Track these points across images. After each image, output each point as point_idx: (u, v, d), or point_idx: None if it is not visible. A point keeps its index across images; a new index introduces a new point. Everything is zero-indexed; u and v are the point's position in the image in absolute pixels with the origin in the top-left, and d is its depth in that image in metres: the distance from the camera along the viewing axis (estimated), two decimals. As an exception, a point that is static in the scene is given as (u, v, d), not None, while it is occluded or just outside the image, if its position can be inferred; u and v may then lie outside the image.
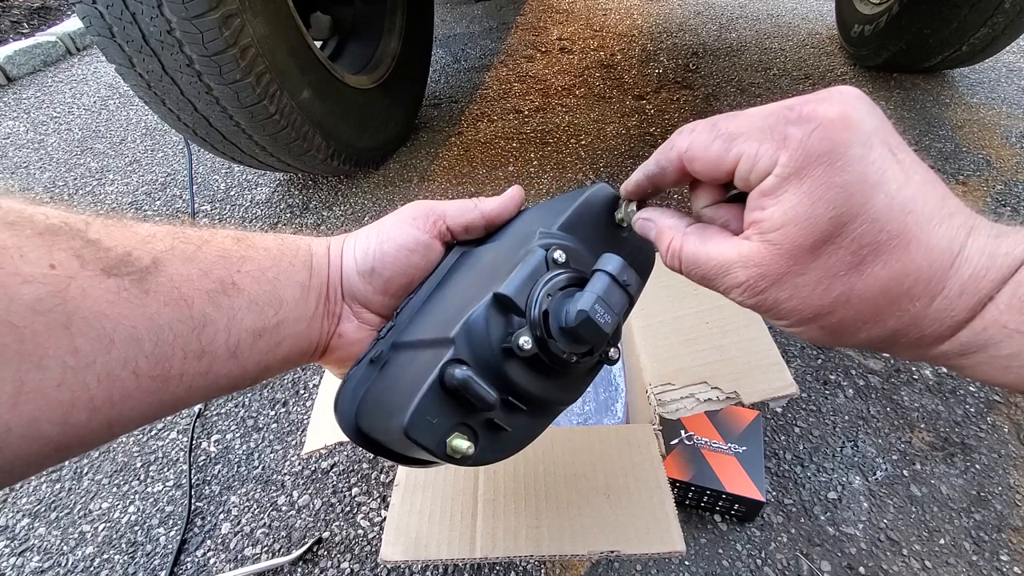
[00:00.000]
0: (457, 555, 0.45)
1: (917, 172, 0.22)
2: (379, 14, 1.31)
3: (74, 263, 0.22)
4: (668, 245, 0.28)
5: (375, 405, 0.30)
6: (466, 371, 0.25)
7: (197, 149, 1.37)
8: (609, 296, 0.26)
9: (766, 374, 0.55)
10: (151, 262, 0.24)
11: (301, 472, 0.72)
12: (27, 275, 0.20)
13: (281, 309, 0.30)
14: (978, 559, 0.60)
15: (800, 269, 0.23)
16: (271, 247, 0.31)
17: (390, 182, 1.27)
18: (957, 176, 1.15)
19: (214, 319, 0.26)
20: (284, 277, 0.30)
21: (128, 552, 0.66)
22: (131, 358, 0.23)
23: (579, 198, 0.32)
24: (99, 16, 0.77)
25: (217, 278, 0.27)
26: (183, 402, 0.26)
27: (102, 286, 0.22)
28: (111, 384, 0.22)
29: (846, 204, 0.21)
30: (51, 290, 0.21)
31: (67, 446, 0.22)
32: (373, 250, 0.33)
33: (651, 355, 0.59)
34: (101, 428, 0.23)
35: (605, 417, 0.66)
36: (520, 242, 0.31)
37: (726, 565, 0.60)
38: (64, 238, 0.22)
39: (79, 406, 0.21)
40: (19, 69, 1.94)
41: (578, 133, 1.37)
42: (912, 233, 0.21)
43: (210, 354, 0.26)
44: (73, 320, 0.21)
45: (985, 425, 0.72)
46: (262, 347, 0.29)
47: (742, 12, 2.02)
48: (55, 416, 0.21)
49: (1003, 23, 1.24)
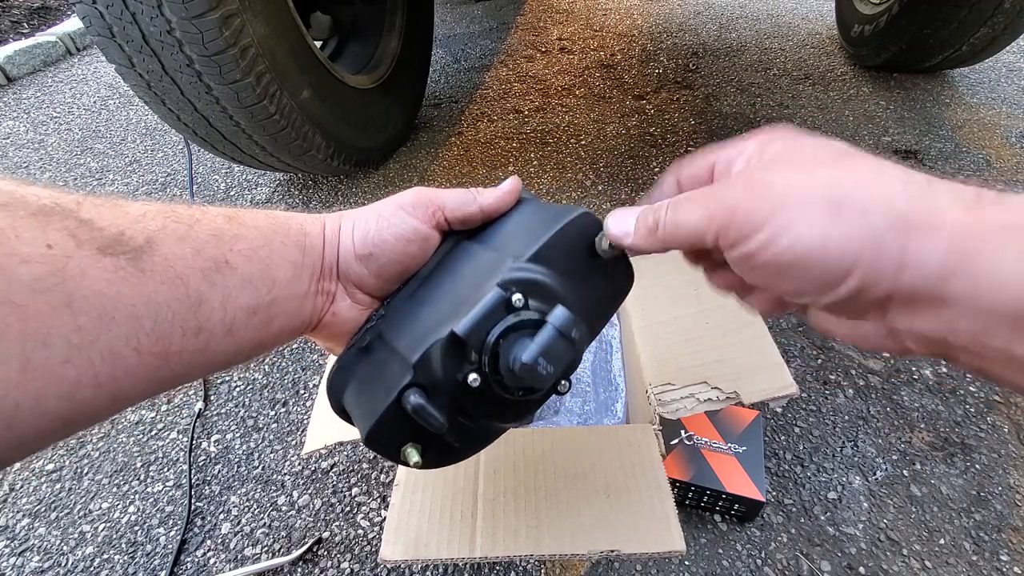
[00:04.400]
0: (457, 555, 0.45)
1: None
2: (379, 14, 1.31)
3: (70, 243, 0.22)
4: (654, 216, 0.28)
5: (356, 393, 0.34)
6: (419, 399, 0.28)
7: (197, 149, 1.37)
8: (553, 349, 0.28)
9: (766, 374, 0.55)
10: (144, 241, 0.25)
11: (301, 472, 0.72)
12: (24, 255, 0.20)
13: (274, 287, 0.30)
14: (978, 559, 0.60)
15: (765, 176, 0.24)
16: (262, 226, 0.31)
17: (390, 182, 1.27)
18: (957, 176, 1.15)
19: (209, 297, 0.26)
20: (276, 256, 0.30)
21: (128, 552, 0.66)
22: (132, 335, 0.23)
23: (557, 225, 0.32)
24: (99, 16, 0.77)
25: (210, 256, 0.27)
26: (183, 378, 0.27)
27: (99, 265, 0.22)
28: (114, 361, 0.23)
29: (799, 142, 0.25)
30: (49, 269, 0.21)
31: (74, 420, 0.23)
32: (372, 236, 0.34)
33: (651, 355, 0.59)
34: (106, 403, 0.23)
35: (605, 417, 0.66)
36: (497, 261, 0.32)
37: (726, 565, 0.60)
38: (58, 218, 0.22)
39: (85, 382, 0.22)
40: (19, 69, 1.94)
41: (578, 133, 1.37)
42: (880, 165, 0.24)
43: (207, 331, 0.26)
44: (74, 299, 0.21)
45: (985, 425, 0.72)
46: (256, 324, 0.29)
47: (742, 12, 2.02)
48: (62, 392, 0.21)
49: (1003, 23, 1.24)
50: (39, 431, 0.21)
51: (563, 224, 0.32)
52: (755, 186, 0.24)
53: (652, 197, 0.32)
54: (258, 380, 0.84)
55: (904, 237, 0.20)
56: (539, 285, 0.30)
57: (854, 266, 0.21)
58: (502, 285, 0.29)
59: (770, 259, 0.23)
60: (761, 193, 0.23)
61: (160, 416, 0.81)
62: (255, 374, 0.85)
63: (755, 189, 0.24)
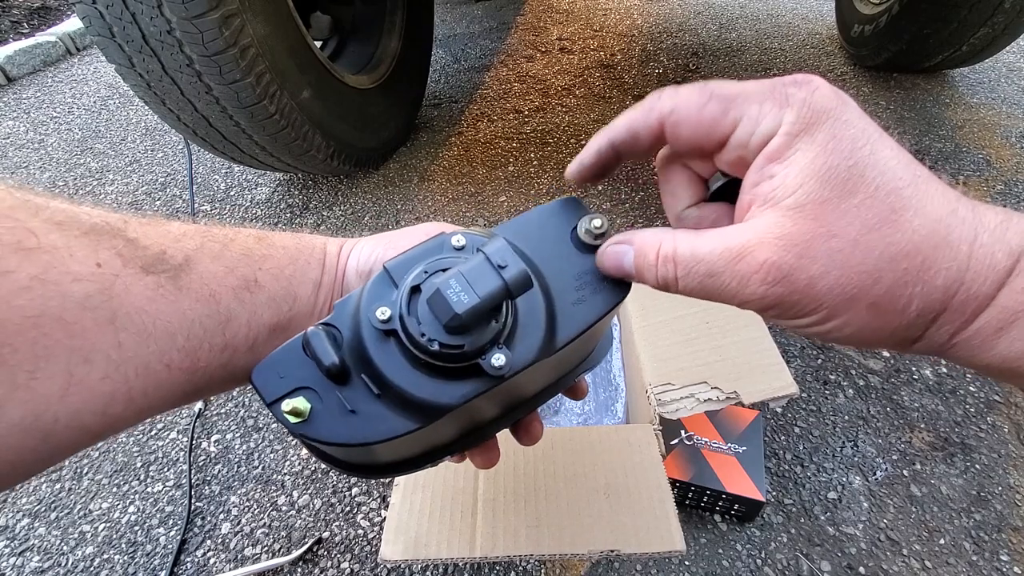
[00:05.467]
0: (457, 554, 0.45)
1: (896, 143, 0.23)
2: (379, 14, 1.31)
3: (117, 261, 0.23)
4: (657, 254, 0.24)
5: None
6: (318, 329, 0.25)
7: (197, 149, 1.37)
8: (475, 275, 0.23)
9: (766, 374, 0.55)
10: (183, 260, 0.25)
11: (301, 472, 0.72)
12: (77, 274, 0.21)
13: (295, 305, 0.31)
14: (978, 559, 0.60)
15: (830, 230, 0.20)
16: (289, 246, 0.32)
17: (390, 182, 1.27)
18: (957, 176, 1.15)
19: (237, 314, 0.27)
20: (300, 275, 0.31)
21: (128, 552, 0.66)
22: (165, 351, 0.24)
23: (540, 208, 0.30)
24: (99, 16, 0.77)
25: (241, 275, 0.28)
26: (203, 392, 0.28)
27: (142, 283, 0.23)
28: (147, 376, 0.23)
29: (859, 153, 0.20)
30: (99, 287, 0.22)
31: (101, 434, 0.23)
32: (379, 255, 0.34)
33: (651, 355, 0.59)
34: (132, 416, 0.24)
35: (605, 417, 0.66)
36: None
37: (726, 565, 0.60)
38: (107, 237, 0.23)
39: (118, 398, 0.22)
40: (19, 69, 1.94)
41: (578, 133, 1.37)
42: (925, 183, 0.21)
43: (232, 347, 0.27)
44: (117, 316, 0.22)
45: (985, 425, 0.72)
46: (275, 341, 0.30)
47: (742, 12, 2.02)
48: (97, 407, 0.22)
49: (1003, 23, 1.24)
50: (71, 443, 0.22)
51: (545, 206, 0.30)
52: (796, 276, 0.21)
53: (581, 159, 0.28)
54: (258, 380, 0.84)
55: (928, 324, 0.21)
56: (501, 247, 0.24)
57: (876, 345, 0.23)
58: (451, 236, 0.27)
59: (808, 335, 0.23)
60: (800, 297, 0.21)
61: (160, 416, 0.81)
62: (255, 374, 0.85)
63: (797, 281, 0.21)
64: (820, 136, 0.21)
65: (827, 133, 0.21)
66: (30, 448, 0.20)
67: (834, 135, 0.21)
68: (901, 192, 0.20)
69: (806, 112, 0.21)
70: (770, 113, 0.22)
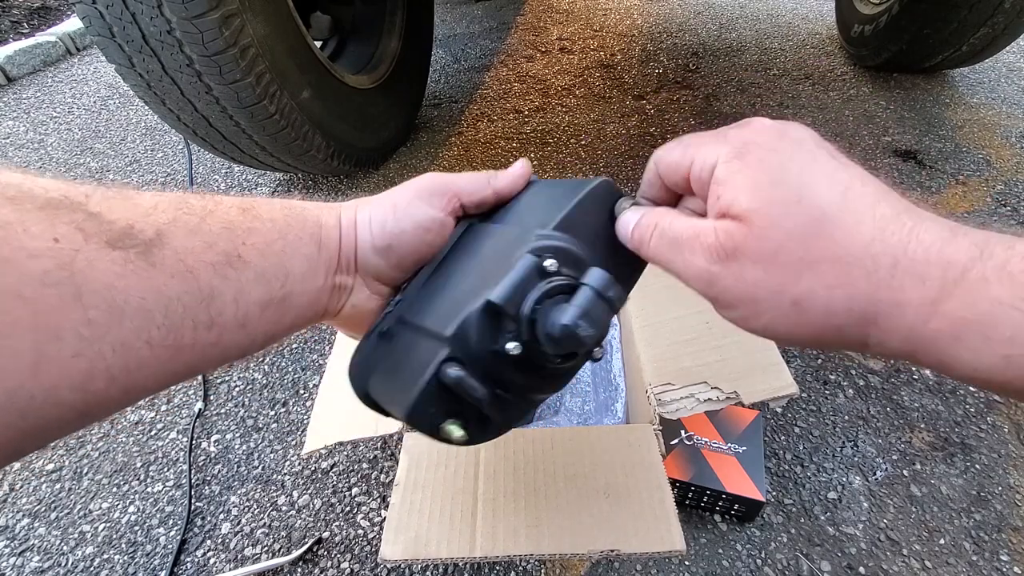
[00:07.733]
0: (457, 554, 0.45)
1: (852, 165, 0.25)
2: (379, 14, 1.31)
3: (77, 236, 0.22)
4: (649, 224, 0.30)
5: (383, 379, 0.33)
6: (459, 372, 0.27)
7: (197, 149, 1.37)
8: (592, 311, 0.27)
9: (766, 374, 0.55)
10: (155, 235, 0.25)
11: (301, 472, 0.72)
12: (32, 249, 0.20)
13: (287, 282, 0.30)
14: (978, 559, 0.60)
15: (761, 233, 0.24)
16: (277, 218, 0.31)
17: (390, 182, 1.27)
18: (957, 176, 1.15)
19: (221, 291, 0.26)
20: (291, 250, 0.30)
21: (128, 552, 0.66)
22: (143, 328, 0.23)
23: (579, 194, 0.32)
24: (99, 16, 0.77)
25: (222, 251, 0.27)
26: (196, 369, 0.27)
27: (108, 258, 0.22)
28: (127, 353, 0.23)
29: (786, 174, 0.25)
30: (57, 263, 0.21)
31: (88, 412, 0.23)
32: (390, 227, 0.34)
33: (651, 355, 0.59)
34: (119, 394, 0.24)
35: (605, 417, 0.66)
36: (520, 235, 0.31)
37: (726, 565, 0.60)
38: (65, 212, 0.22)
39: (97, 375, 0.22)
40: (19, 69, 1.94)
41: (578, 133, 1.37)
42: (856, 200, 0.24)
43: (219, 325, 0.26)
44: (83, 292, 0.21)
45: (985, 425, 0.72)
46: (269, 318, 0.29)
47: (742, 12, 2.02)
48: (74, 384, 0.22)
49: (1003, 23, 1.24)
50: (54, 421, 0.22)
51: (585, 192, 0.32)
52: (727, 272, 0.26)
53: (642, 191, 0.34)
54: (258, 380, 0.84)
55: (864, 328, 0.24)
56: (568, 252, 0.30)
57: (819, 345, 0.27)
58: (534, 252, 0.29)
59: (747, 328, 0.27)
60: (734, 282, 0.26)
61: (160, 416, 0.81)
62: (255, 374, 0.85)
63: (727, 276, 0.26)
64: (751, 160, 0.26)
65: (756, 158, 0.26)
66: (7, 424, 0.20)
67: (761, 160, 0.25)
68: (824, 207, 0.24)
69: (739, 145, 0.26)
70: (712, 151, 0.27)
